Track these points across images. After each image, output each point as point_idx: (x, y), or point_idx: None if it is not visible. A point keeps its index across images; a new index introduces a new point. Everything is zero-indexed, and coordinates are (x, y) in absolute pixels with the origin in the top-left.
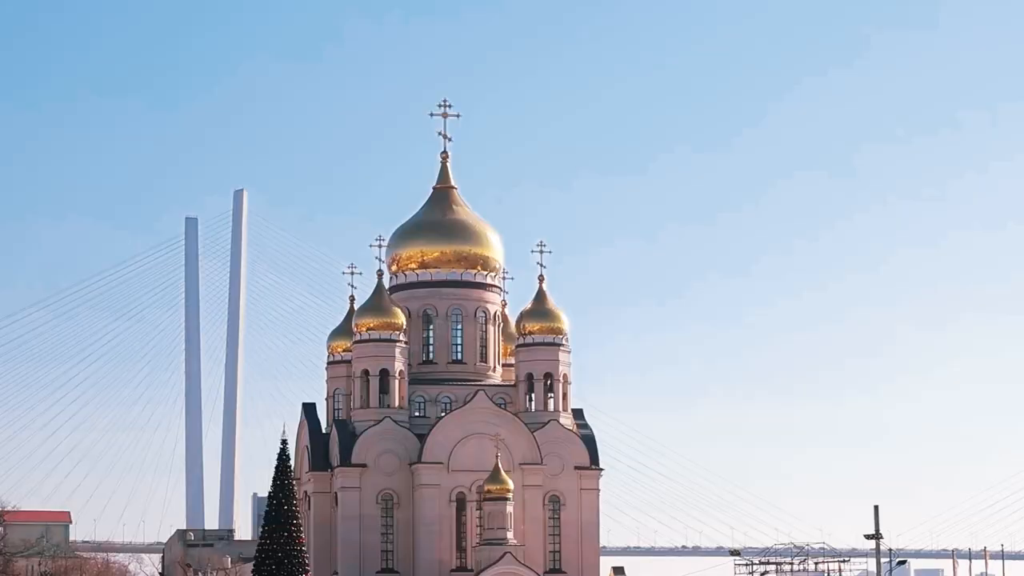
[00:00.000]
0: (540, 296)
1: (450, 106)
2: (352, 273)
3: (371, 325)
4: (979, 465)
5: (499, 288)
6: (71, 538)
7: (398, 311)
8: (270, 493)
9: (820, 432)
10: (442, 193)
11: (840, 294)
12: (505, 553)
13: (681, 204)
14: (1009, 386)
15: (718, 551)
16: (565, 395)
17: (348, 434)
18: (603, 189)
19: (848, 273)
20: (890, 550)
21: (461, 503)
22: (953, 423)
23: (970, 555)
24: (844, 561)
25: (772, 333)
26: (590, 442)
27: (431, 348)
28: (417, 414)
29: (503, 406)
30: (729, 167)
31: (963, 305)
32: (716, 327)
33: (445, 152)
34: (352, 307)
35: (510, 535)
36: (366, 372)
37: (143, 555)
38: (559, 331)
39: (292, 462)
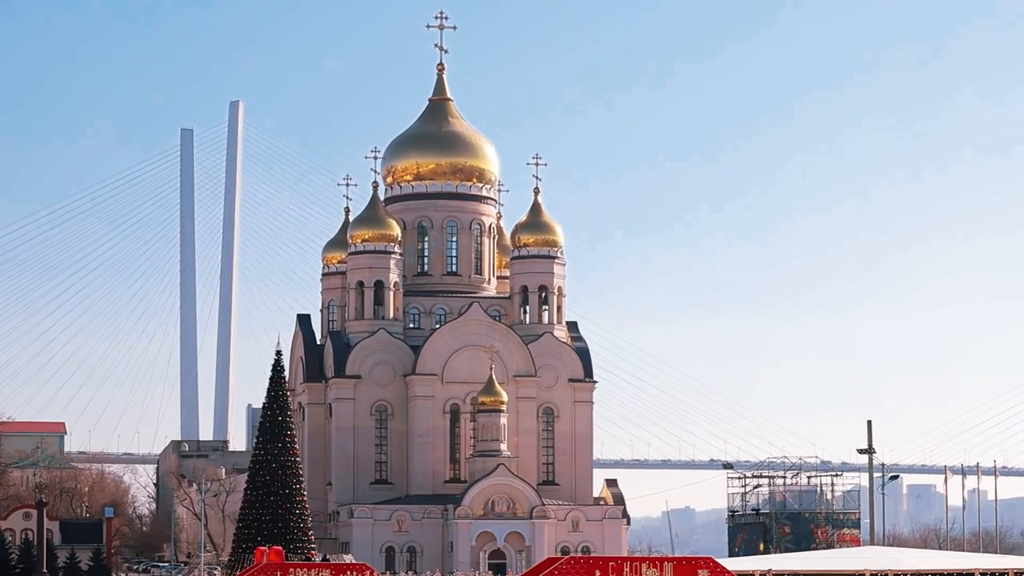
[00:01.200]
0: (535, 209)
1: (446, 18)
2: (347, 185)
3: (366, 237)
4: (973, 381)
5: (494, 200)
6: (66, 449)
7: (393, 223)
8: (264, 404)
9: (814, 348)
10: (438, 105)
11: (836, 214)
12: (498, 464)
13: (677, 119)
14: (1004, 303)
15: (711, 464)
16: (559, 308)
17: (342, 345)
18: (598, 103)
19: (845, 194)
20: (882, 465)
21: (455, 415)
22: (948, 340)
23: (963, 471)
24: (837, 475)
25: (769, 250)
26: (584, 355)
27: (426, 260)
28: (411, 326)
29: (497, 318)
30: (728, 85)
31: (960, 222)
32: (712, 243)
33: (441, 64)
34: (347, 219)
35: (503, 447)
36: (361, 284)
37: (137, 466)
38: (554, 244)
39: (286, 373)
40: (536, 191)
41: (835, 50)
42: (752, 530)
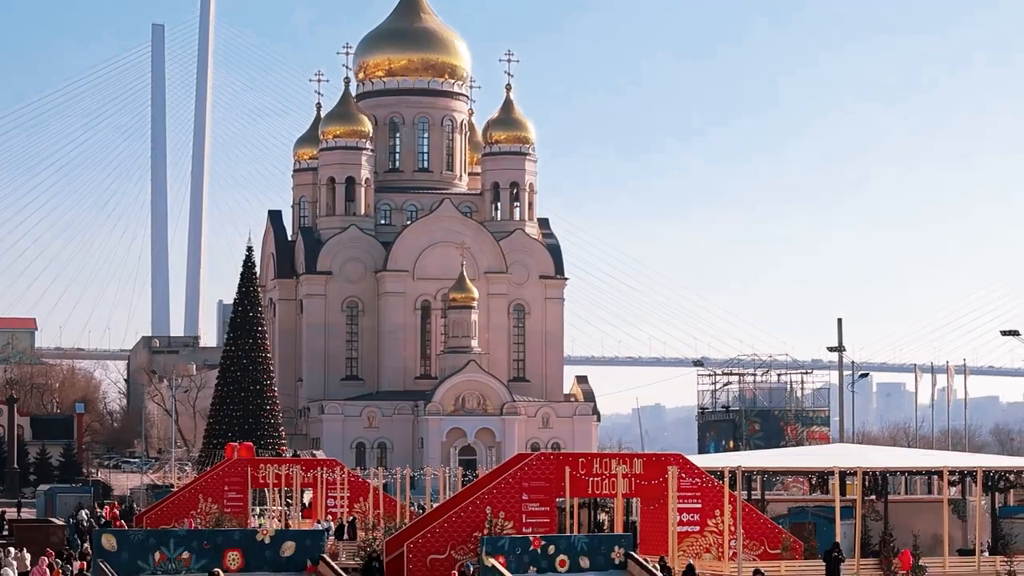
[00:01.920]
0: (507, 105)
1: None
2: (319, 81)
3: (337, 132)
4: (943, 280)
5: (466, 97)
6: (36, 345)
7: (364, 119)
8: (235, 300)
9: (785, 247)
10: (410, 1)
11: (808, 120)
12: (469, 361)
13: (653, 18)
14: (974, 205)
15: (682, 362)
16: (531, 204)
17: (313, 241)
18: (571, 1)
19: (819, 102)
20: (852, 363)
21: (426, 311)
22: (918, 239)
23: (932, 369)
24: (806, 373)
25: (742, 151)
26: (555, 251)
27: (397, 156)
28: (383, 222)
29: (469, 215)
30: None
31: (929, 121)
32: (685, 142)
33: None
34: (319, 115)
35: (474, 343)
36: (332, 180)
37: (108, 362)
38: (525, 140)
39: (257, 270)
40: (508, 88)
41: None
42: (722, 427)
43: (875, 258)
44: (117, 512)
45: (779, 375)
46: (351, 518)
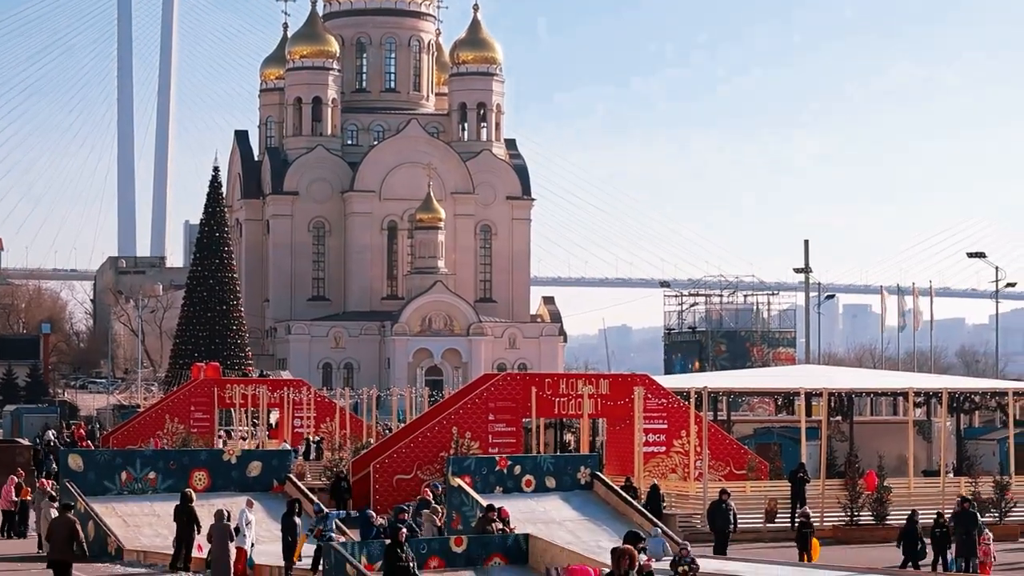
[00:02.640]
0: (474, 25)
1: None
2: (286, 0)
3: (304, 53)
4: (910, 202)
5: (433, 17)
6: (2, 265)
7: (331, 39)
8: (202, 221)
9: (752, 168)
10: None
11: (771, 37)
12: (436, 282)
13: None
14: (940, 126)
15: (648, 283)
16: (498, 125)
17: (280, 162)
18: None
19: (781, 18)
20: (818, 284)
21: (392, 231)
22: (885, 160)
23: (899, 291)
24: (773, 294)
25: (708, 70)
26: (522, 172)
27: (364, 76)
28: (350, 142)
29: (436, 135)
30: None
31: (898, 43)
32: (652, 65)
33: None
34: (285, 35)
35: (441, 264)
36: (299, 100)
37: (75, 282)
38: (492, 61)
39: (224, 190)
40: (476, 8)
41: None
42: (688, 348)
43: (842, 180)
44: (83, 432)
45: (745, 296)
46: (317, 438)
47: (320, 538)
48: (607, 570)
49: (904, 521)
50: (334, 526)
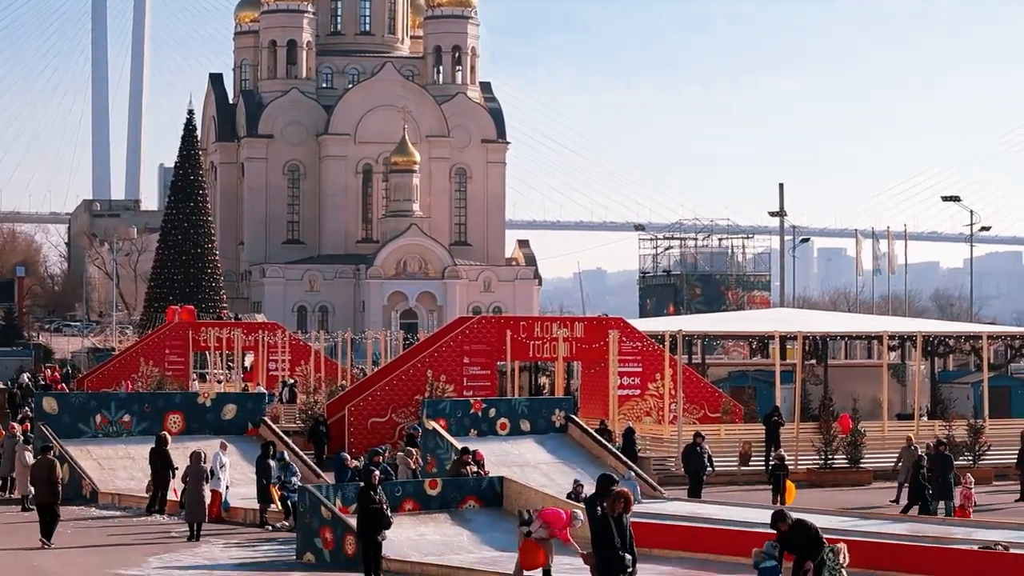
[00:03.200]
0: None
1: None
2: None
3: None
4: (884, 146)
5: None
6: None
7: None
8: (176, 163)
9: (728, 112)
10: None
11: None
12: (411, 225)
13: None
14: (916, 71)
15: (623, 226)
16: (473, 68)
17: (255, 105)
18: None
19: None
20: (793, 228)
21: (367, 175)
22: (860, 104)
23: (873, 235)
24: (748, 238)
25: (685, 13)
26: (497, 115)
27: (339, 19)
28: (324, 85)
29: (411, 78)
30: None
31: None
32: (630, 9)
33: None
34: None
35: (416, 207)
36: (273, 43)
37: (49, 225)
38: (468, 3)
39: (199, 133)
40: None
41: None
42: (662, 292)
43: (818, 124)
44: (58, 375)
45: (720, 240)
46: (292, 381)
47: (285, 489)
48: (579, 511)
49: (909, 465)
50: (299, 474)
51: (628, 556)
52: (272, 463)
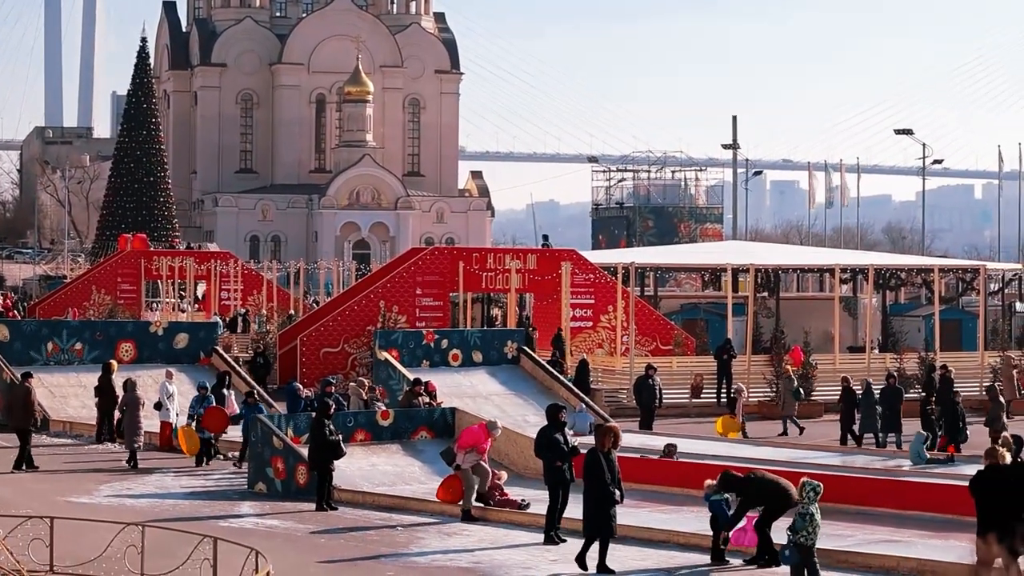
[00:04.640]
0: None
1: None
2: None
3: None
4: (837, 80)
5: None
6: None
7: None
8: (129, 91)
9: (683, 47)
10: None
11: None
12: (364, 155)
13: None
14: (870, 8)
15: (576, 158)
16: None
17: (208, 33)
18: None
19: None
20: (747, 161)
21: (320, 104)
22: (813, 39)
23: (826, 168)
24: (701, 170)
25: None
26: (451, 46)
27: None
28: (278, 14)
29: (364, 8)
30: None
31: None
32: None
33: None
34: None
35: (369, 137)
36: None
37: (0, 152)
38: None
39: (152, 61)
40: None
41: None
42: (615, 224)
43: (771, 56)
44: (10, 303)
45: (673, 172)
46: (243, 310)
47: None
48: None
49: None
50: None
51: (617, 492)
52: (227, 392)
